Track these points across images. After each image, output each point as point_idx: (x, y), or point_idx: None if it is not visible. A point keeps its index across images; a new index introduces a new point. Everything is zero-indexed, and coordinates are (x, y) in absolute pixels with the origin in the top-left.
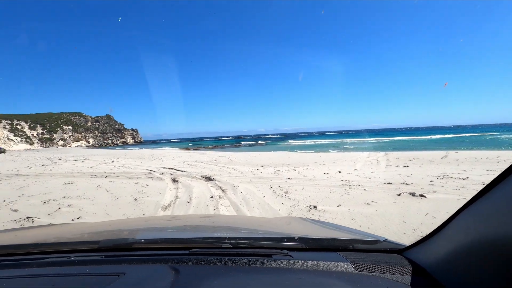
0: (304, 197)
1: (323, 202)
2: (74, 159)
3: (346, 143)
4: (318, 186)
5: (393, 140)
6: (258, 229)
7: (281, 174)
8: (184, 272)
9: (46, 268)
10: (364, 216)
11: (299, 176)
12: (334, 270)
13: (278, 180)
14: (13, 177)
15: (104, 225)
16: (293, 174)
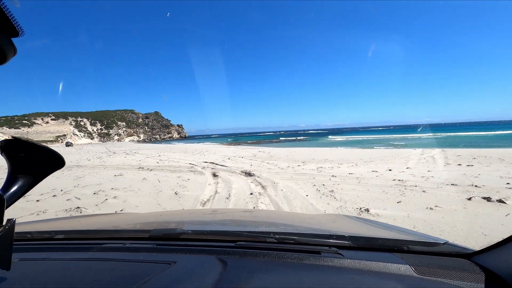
0: (352, 198)
1: (375, 204)
2: (126, 152)
3: (393, 139)
4: (367, 185)
5: (448, 136)
6: (302, 225)
7: (324, 171)
8: (232, 264)
9: (105, 252)
10: (427, 224)
11: (344, 173)
12: (391, 272)
13: (321, 177)
14: (73, 168)
15: (153, 216)
16: (337, 172)
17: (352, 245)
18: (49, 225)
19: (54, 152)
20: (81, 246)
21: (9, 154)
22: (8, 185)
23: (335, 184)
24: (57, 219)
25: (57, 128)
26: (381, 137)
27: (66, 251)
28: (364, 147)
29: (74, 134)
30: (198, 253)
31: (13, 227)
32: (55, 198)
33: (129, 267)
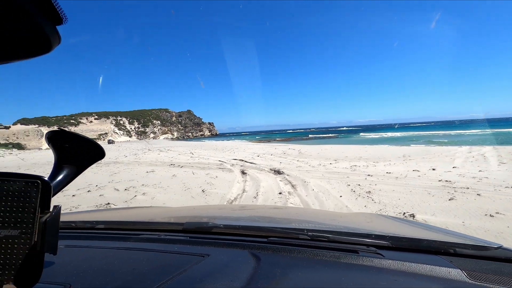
0: (393, 200)
1: (421, 208)
2: (160, 149)
3: (433, 136)
4: (409, 186)
5: (498, 132)
6: (335, 223)
7: (358, 170)
8: (265, 259)
9: (142, 243)
10: (490, 234)
11: (381, 172)
12: (440, 275)
13: (356, 176)
14: (111, 164)
15: (186, 210)
16: (373, 170)
17: (392, 245)
18: (91, 215)
19: (96, 144)
20: (120, 235)
21: (55, 145)
22: (54, 174)
23: (372, 184)
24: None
25: (99, 126)
26: (420, 133)
27: (107, 240)
28: (402, 144)
29: (114, 132)
30: (231, 247)
31: (59, 213)
32: (89, 194)
33: (164, 258)
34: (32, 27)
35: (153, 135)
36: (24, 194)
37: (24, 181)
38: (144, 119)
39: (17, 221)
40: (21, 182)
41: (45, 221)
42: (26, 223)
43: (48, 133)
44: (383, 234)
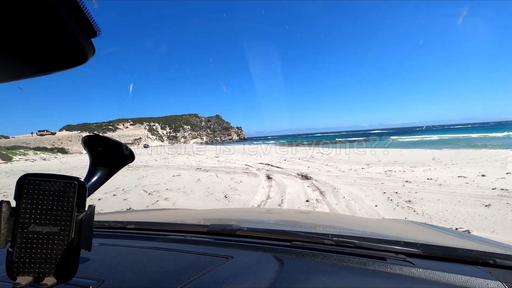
0: (439, 212)
1: (476, 223)
2: (189, 153)
3: (477, 139)
4: (456, 195)
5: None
6: (362, 229)
7: (394, 175)
8: (288, 263)
9: (169, 243)
10: None
11: (421, 179)
12: (476, 287)
13: (392, 183)
14: (141, 168)
15: (211, 212)
16: (411, 176)
17: (423, 253)
18: (122, 216)
19: (127, 147)
20: (148, 236)
21: (90, 148)
22: (89, 175)
23: (411, 192)
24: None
25: (134, 132)
26: (460, 136)
27: (136, 239)
28: (440, 147)
29: (148, 137)
30: (254, 250)
31: (93, 212)
32: (114, 197)
33: (190, 258)
34: (68, 39)
35: (183, 139)
36: (63, 193)
37: (63, 182)
38: (175, 124)
39: (57, 219)
40: (61, 183)
41: (81, 219)
42: (64, 220)
43: (84, 137)
44: (413, 242)
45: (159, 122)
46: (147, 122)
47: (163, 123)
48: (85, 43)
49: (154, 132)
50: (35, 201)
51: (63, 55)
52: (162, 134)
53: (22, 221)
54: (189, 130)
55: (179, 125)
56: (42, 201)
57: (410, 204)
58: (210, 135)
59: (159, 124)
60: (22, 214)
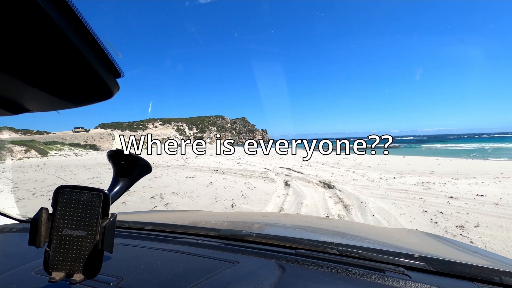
0: (508, 245)
1: None
2: (211, 154)
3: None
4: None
5: None
6: (370, 238)
7: (434, 189)
8: (290, 270)
9: (182, 246)
10: None
11: (468, 194)
12: None
13: (432, 198)
14: (159, 167)
15: (224, 215)
16: (455, 191)
17: (422, 267)
18: (141, 216)
19: (145, 161)
20: (164, 237)
21: (114, 161)
22: (112, 185)
23: (461, 213)
24: (148, 212)
25: (163, 131)
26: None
27: (153, 240)
28: (483, 157)
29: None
30: (260, 256)
31: (115, 219)
32: (126, 197)
33: (199, 262)
34: (97, 80)
35: (209, 140)
36: (91, 203)
37: (91, 193)
38: (202, 125)
39: (85, 224)
40: (89, 194)
41: (105, 226)
42: (91, 226)
43: (109, 152)
44: (412, 254)
45: (186, 122)
46: (175, 122)
47: (190, 124)
48: (111, 82)
49: (182, 132)
50: (68, 209)
51: (92, 92)
52: (189, 134)
53: (57, 225)
54: (215, 131)
55: (205, 126)
56: (73, 209)
57: (463, 231)
58: (236, 136)
59: (186, 125)
60: (57, 220)
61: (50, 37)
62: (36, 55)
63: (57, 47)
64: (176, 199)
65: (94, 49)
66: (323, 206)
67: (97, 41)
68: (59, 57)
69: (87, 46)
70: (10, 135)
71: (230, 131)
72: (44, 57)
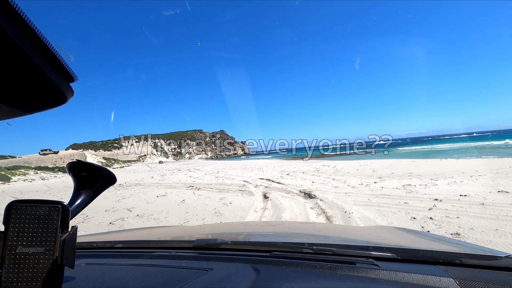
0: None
1: None
2: (189, 169)
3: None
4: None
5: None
6: (344, 237)
7: (416, 191)
8: (265, 272)
9: (153, 259)
10: None
11: (451, 195)
12: (430, 285)
13: (417, 202)
14: (131, 186)
15: (203, 228)
16: (437, 192)
17: (391, 256)
18: (110, 236)
19: (108, 171)
20: (135, 253)
21: (74, 173)
22: (73, 198)
23: (451, 217)
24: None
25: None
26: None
27: (122, 257)
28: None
29: (152, 153)
30: (234, 262)
31: (75, 232)
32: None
33: (171, 272)
34: (49, 85)
35: (188, 155)
36: (48, 216)
37: (47, 206)
38: (180, 140)
39: (42, 240)
40: (46, 207)
41: (64, 239)
42: (49, 241)
43: (69, 164)
44: (381, 246)
45: (163, 138)
46: (152, 139)
47: (167, 139)
48: (64, 87)
49: (159, 148)
50: (22, 225)
51: (44, 98)
52: (167, 150)
53: (10, 244)
54: (194, 146)
55: (183, 141)
56: (28, 224)
57: (460, 238)
58: (215, 150)
59: (164, 141)
60: (10, 237)
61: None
62: None
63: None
64: (140, 223)
65: (42, 51)
66: (305, 218)
67: (45, 43)
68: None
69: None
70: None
71: (209, 144)
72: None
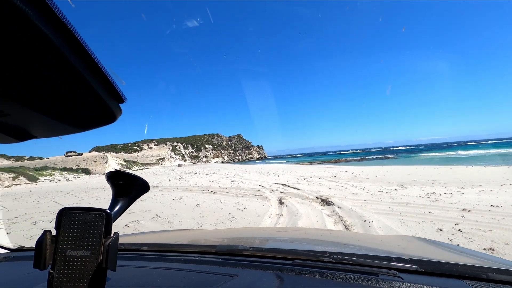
0: None
1: None
2: (205, 173)
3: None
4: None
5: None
6: (364, 246)
7: (441, 200)
8: (288, 280)
9: (179, 263)
10: None
11: (481, 206)
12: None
13: (443, 212)
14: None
15: (221, 232)
16: (465, 201)
17: (414, 268)
18: (136, 238)
19: (143, 180)
20: (161, 257)
21: (113, 182)
22: (113, 205)
23: (482, 230)
24: (139, 234)
25: (158, 152)
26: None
27: (149, 260)
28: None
29: (171, 157)
30: (258, 268)
31: (117, 238)
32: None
33: (198, 277)
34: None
35: (205, 158)
36: (94, 223)
37: (93, 213)
38: (197, 144)
39: (88, 244)
40: (92, 214)
41: (108, 244)
42: (95, 245)
43: (108, 173)
44: (403, 257)
45: (182, 142)
46: (171, 142)
47: (185, 143)
48: (114, 107)
49: (177, 152)
50: (71, 230)
51: (97, 117)
52: (185, 153)
53: (61, 247)
54: (211, 150)
55: (201, 144)
56: (77, 230)
57: (495, 254)
58: (232, 154)
59: (182, 144)
60: (61, 241)
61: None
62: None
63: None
64: (154, 226)
65: (99, 77)
66: (321, 227)
67: (103, 70)
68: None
69: (92, 74)
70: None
71: (226, 148)
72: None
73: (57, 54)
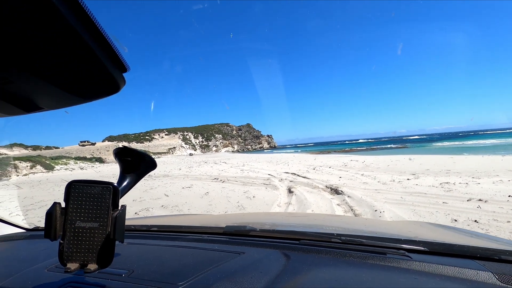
0: None
1: None
2: (215, 162)
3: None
4: None
5: None
6: (372, 230)
7: (456, 190)
8: (295, 258)
9: (189, 242)
10: None
11: (498, 196)
12: (466, 278)
13: (457, 202)
14: (159, 177)
15: (229, 216)
16: (480, 191)
17: (423, 249)
18: (144, 220)
19: (150, 157)
20: (170, 236)
21: (120, 158)
22: (120, 180)
23: (500, 221)
24: (150, 217)
25: (169, 141)
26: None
27: (159, 239)
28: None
29: (181, 146)
30: (265, 247)
31: (125, 210)
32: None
33: (206, 254)
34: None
35: (215, 148)
36: (101, 196)
37: (101, 186)
38: (207, 133)
39: (97, 216)
40: (99, 187)
41: (116, 216)
42: (103, 217)
43: (115, 149)
44: (414, 239)
45: (192, 131)
46: (181, 132)
47: (195, 133)
48: (118, 76)
49: (188, 141)
50: (79, 202)
51: (101, 87)
52: (195, 143)
53: (70, 219)
54: (221, 139)
55: (211, 134)
56: (85, 202)
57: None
58: (241, 143)
59: (192, 134)
60: (70, 213)
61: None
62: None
63: (69, 43)
64: (163, 214)
65: (102, 43)
66: None
67: (105, 36)
68: (70, 53)
69: (96, 41)
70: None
71: (235, 138)
72: (57, 53)
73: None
